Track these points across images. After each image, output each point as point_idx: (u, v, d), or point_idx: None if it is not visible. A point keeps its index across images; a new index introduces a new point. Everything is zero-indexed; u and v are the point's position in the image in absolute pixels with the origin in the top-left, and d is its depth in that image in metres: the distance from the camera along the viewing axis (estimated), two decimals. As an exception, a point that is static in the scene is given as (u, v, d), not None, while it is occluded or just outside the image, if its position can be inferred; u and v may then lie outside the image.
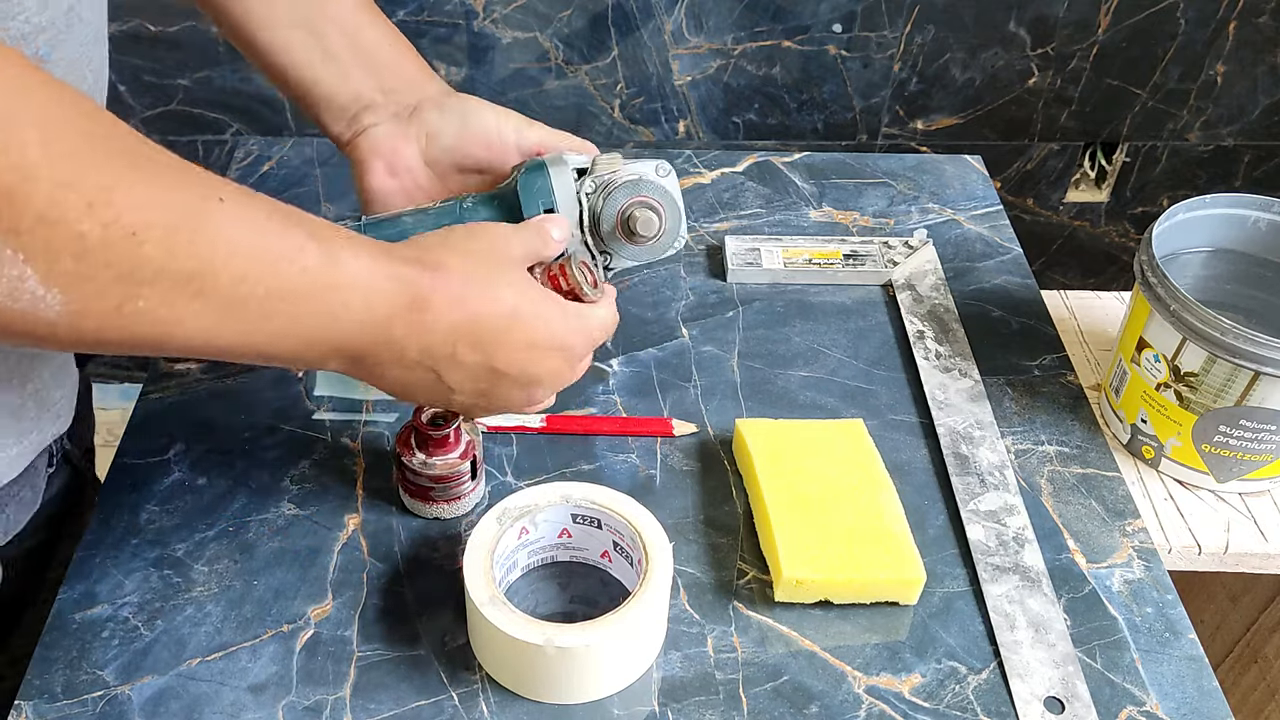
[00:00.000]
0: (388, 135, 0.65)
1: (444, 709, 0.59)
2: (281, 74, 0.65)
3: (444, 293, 0.51)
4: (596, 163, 0.63)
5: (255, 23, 0.64)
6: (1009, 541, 0.68)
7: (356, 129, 0.65)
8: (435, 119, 0.65)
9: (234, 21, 0.64)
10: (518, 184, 0.62)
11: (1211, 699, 0.61)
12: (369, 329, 0.49)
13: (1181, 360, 0.73)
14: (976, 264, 0.90)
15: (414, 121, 0.65)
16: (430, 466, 0.65)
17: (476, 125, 0.65)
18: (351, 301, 0.48)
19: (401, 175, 0.65)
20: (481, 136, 0.64)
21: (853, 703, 0.60)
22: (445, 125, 0.65)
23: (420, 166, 0.66)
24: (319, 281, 0.47)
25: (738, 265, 0.86)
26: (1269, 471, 0.76)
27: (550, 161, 0.62)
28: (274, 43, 0.64)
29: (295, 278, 0.46)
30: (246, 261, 0.44)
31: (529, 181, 0.62)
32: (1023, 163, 1.45)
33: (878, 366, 0.80)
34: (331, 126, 0.66)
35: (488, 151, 0.65)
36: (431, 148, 0.65)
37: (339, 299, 0.48)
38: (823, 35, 1.32)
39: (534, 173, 0.62)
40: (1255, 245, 0.80)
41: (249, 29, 0.64)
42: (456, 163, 0.66)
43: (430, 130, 0.65)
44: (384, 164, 0.65)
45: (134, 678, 0.60)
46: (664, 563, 0.60)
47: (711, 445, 0.74)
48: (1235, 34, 1.34)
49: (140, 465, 0.71)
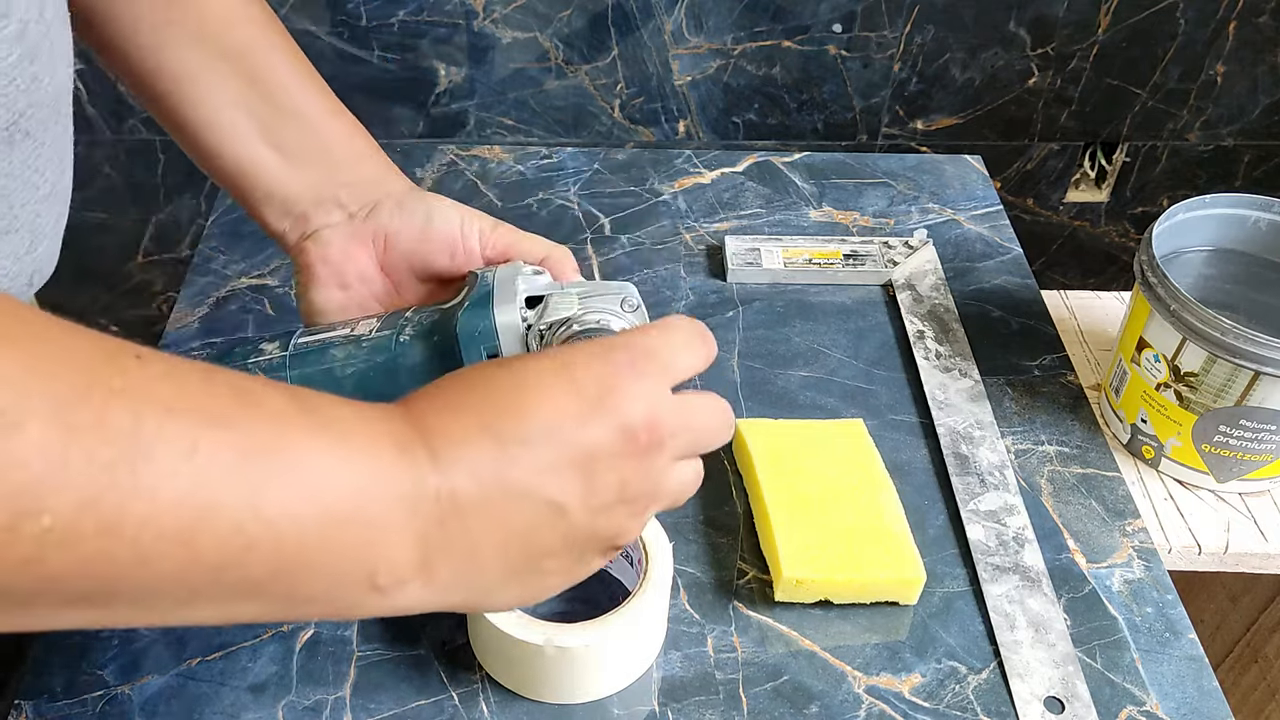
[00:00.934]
0: (341, 239, 0.58)
1: (444, 709, 0.59)
2: (214, 156, 0.57)
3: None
4: (550, 300, 0.54)
5: (189, 100, 0.56)
6: (1009, 541, 0.68)
7: (304, 230, 0.58)
8: (396, 220, 0.58)
9: (158, 94, 0.57)
10: (458, 325, 0.53)
11: (1211, 699, 0.61)
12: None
13: (1181, 360, 0.73)
14: (976, 264, 0.90)
15: (370, 222, 0.58)
16: (430, 466, 0.65)
17: (441, 228, 0.57)
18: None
19: (353, 287, 0.58)
20: (446, 242, 0.57)
21: (853, 703, 0.60)
22: (406, 227, 0.57)
23: (376, 274, 0.59)
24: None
25: (738, 265, 0.86)
26: (1269, 471, 0.76)
27: (498, 297, 0.54)
28: (210, 122, 0.57)
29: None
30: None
31: (470, 323, 0.53)
32: (1023, 163, 1.45)
33: (878, 366, 0.80)
34: (274, 224, 0.59)
35: (451, 260, 0.58)
36: (390, 253, 0.58)
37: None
38: (823, 35, 1.32)
39: (477, 311, 0.53)
40: (1255, 245, 0.80)
41: (180, 107, 0.57)
42: (415, 269, 0.59)
43: (390, 231, 0.58)
44: (334, 274, 0.58)
45: (134, 678, 0.60)
46: (664, 563, 0.60)
47: (711, 445, 0.74)
48: (1235, 34, 1.34)
49: (140, 465, 0.71)
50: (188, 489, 0.32)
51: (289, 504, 0.34)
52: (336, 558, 0.35)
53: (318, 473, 0.35)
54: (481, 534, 0.38)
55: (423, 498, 0.37)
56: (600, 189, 0.95)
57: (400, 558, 0.37)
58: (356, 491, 0.36)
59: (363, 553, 0.36)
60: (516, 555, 0.40)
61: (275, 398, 0.35)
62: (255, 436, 0.34)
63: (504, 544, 0.39)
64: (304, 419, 0.35)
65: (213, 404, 0.33)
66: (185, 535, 0.32)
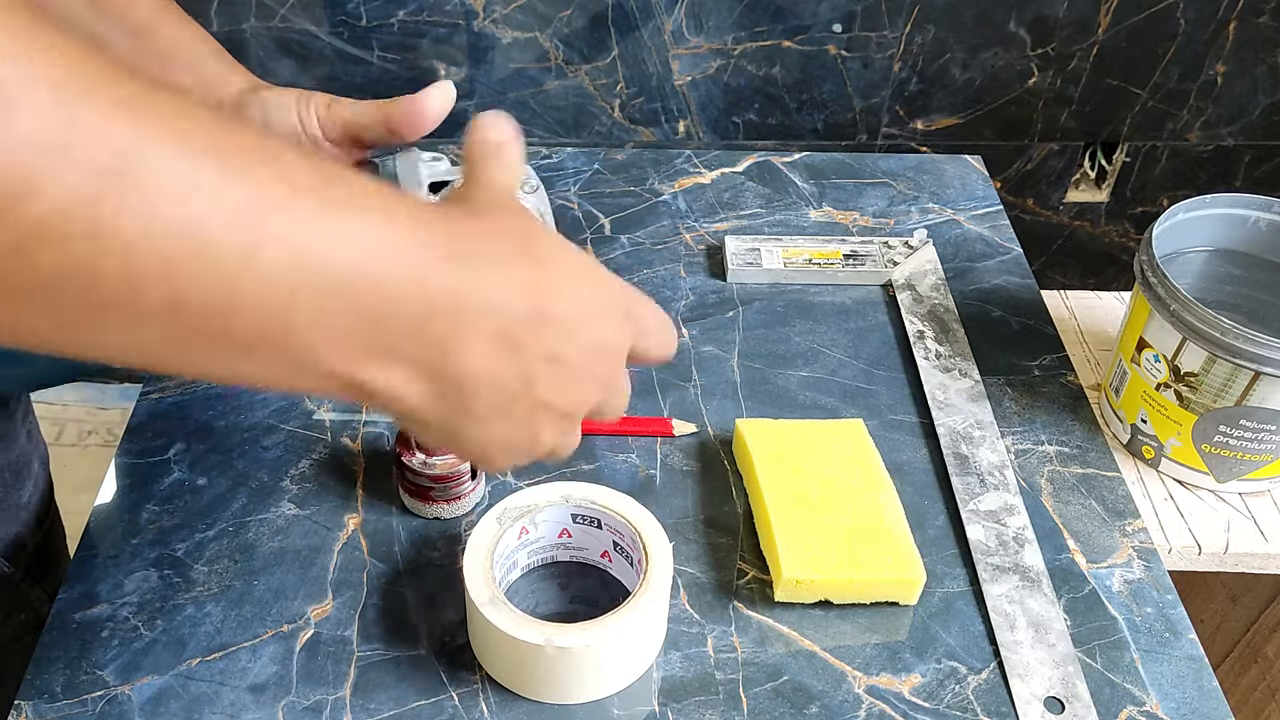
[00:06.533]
0: None
1: (444, 709, 0.59)
2: None
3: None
4: (454, 186, 0.52)
5: None
6: (1009, 541, 0.68)
7: None
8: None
9: None
10: None
11: (1211, 699, 0.61)
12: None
13: (1181, 360, 0.73)
14: (976, 264, 0.90)
15: None
16: (430, 466, 0.65)
17: (280, 122, 0.55)
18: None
19: None
20: (289, 135, 0.55)
21: (853, 703, 0.60)
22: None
23: None
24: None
25: (738, 265, 0.86)
26: (1269, 471, 0.76)
27: (403, 187, 0.52)
28: None
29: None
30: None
31: None
32: (1023, 163, 1.45)
33: (878, 366, 0.80)
34: None
35: (299, 139, 0.56)
36: None
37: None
38: (823, 35, 1.32)
39: None
40: (1255, 245, 0.80)
41: None
42: None
43: None
44: None
45: (134, 678, 0.60)
46: (664, 563, 0.60)
47: (711, 445, 0.74)
48: (1235, 34, 1.34)
49: (140, 465, 0.71)
50: (184, 222, 0.31)
51: (282, 262, 0.33)
52: (330, 323, 0.35)
53: (324, 238, 0.34)
54: (477, 350, 0.38)
55: (432, 285, 0.37)
56: (600, 189, 0.95)
57: (395, 342, 0.37)
58: (360, 257, 0.35)
59: (359, 324, 0.36)
60: (502, 380, 0.40)
61: (294, 159, 0.35)
62: (267, 189, 0.33)
63: (495, 371, 0.39)
64: (323, 189, 0.35)
65: (226, 144, 0.33)
66: (173, 269, 0.32)
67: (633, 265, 0.88)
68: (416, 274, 0.36)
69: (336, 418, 0.74)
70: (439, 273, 0.37)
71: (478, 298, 0.38)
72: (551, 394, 0.41)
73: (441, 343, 0.38)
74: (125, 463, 0.71)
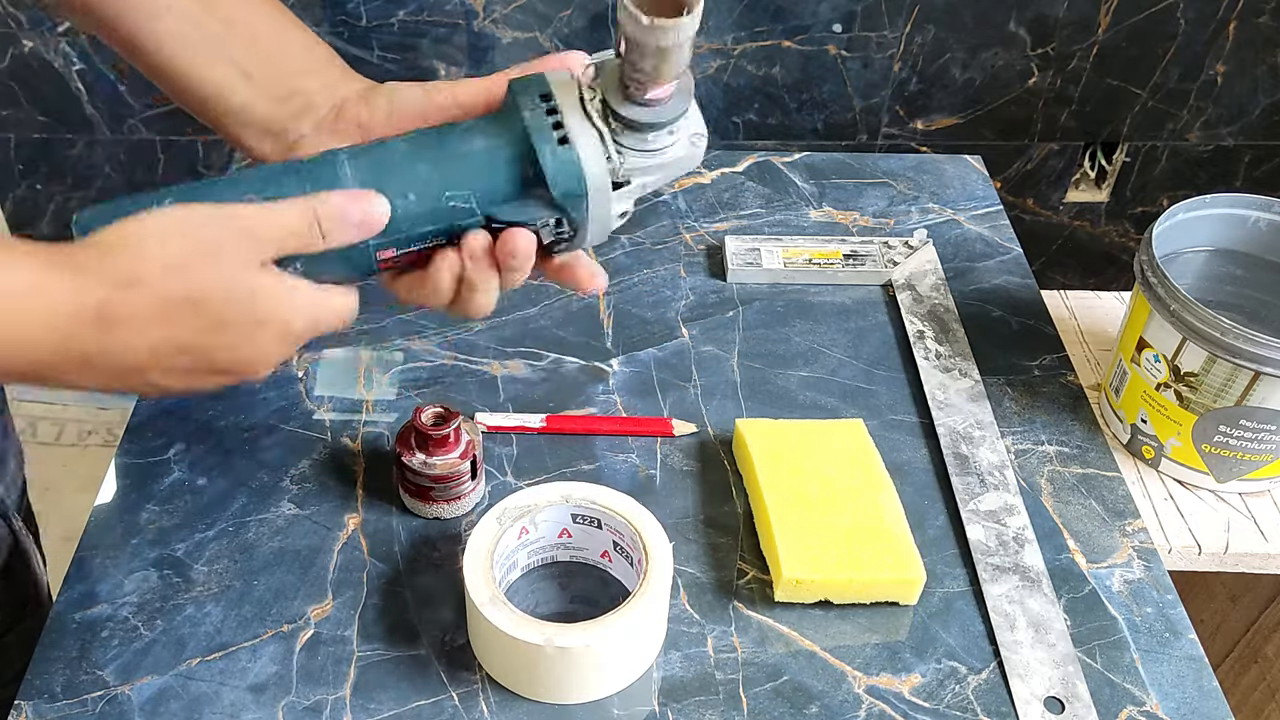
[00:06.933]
0: (322, 140, 0.59)
1: (444, 709, 0.59)
2: (184, 87, 0.61)
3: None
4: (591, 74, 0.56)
5: (154, 34, 0.59)
6: (1009, 541, 0.68)
7: (285, 143, 0.60)
8: (363, 110, 0.59)
9: (125, 36, 0.60)
10: (528, 125, 0.54)
11: (1211, 699, 0.61)
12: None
13: (1181, 360, 0.73)
14: (976, 264, 0.90)
15: (342, 119, 0.59)
16: (430, 466, 0.65)
17: (404, 102, 0.59)
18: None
19: None
20: (414, 110, 0.59)
21: (853, 703, 0.60)
22: (375, 112, 0.59)
23: None
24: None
25: (738, 265, 0.86)
26: (1269, 471, 0.76)
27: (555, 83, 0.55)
28: (177, 54, 0.60)
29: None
30: None
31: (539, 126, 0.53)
32: (1023, 163, 1.45)
33: (878, 366, 0.80)
34: (256, 146, 0.61)
35: (425, 122, 0.59)
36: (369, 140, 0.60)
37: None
38: (823, 35, 1.32)
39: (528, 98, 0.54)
40: (1255, 245, 0.80)
41: (144, 46, 0.60)
42: None
43: (361, 122, 0.59)
44: None
45: (134, 678, 0.60)
46: (664, 563, 0.60)
47: (711, 445, 0.74)
48: (1235, 34, 1.34)
49: (140, 465, 0.71)
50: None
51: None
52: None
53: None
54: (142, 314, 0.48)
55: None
56: (600, 189, 0.95)
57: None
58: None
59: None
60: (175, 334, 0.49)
61: None
62: None
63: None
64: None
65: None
66: None
67: (633, 265, 0.88)
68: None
69: (336, 418, 0.74)
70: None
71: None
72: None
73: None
74: (125, 463, 0.71)
